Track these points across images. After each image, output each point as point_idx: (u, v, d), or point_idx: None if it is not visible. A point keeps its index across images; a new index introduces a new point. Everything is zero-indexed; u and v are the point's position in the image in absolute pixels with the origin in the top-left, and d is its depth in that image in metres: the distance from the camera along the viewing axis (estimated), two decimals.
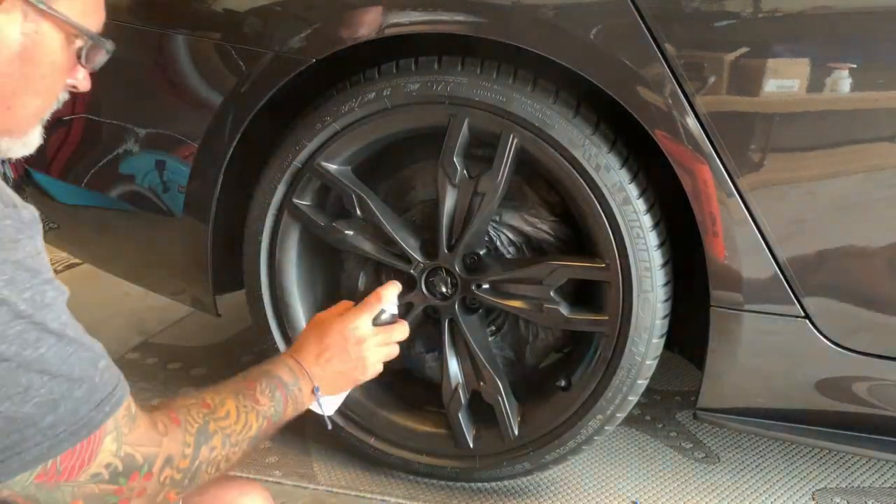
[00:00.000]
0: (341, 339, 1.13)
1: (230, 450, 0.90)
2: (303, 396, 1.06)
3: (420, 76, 1.36)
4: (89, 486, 0.77)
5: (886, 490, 1.61)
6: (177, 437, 0.84)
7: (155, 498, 0.82)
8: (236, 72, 1.44)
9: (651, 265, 1.33)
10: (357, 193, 1.45)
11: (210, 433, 0.88)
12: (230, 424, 0.92)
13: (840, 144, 1.20)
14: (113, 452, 0.77)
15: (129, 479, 0.79)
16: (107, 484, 0.77)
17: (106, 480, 0.77)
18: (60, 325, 0.72)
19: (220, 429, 0.90)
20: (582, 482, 1.64)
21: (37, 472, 0.72)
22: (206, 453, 0.87)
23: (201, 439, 0.87)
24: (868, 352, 1.29)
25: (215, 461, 0.88)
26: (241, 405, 0.95)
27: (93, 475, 0.76)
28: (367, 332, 1.14)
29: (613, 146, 1.32)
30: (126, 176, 1.59)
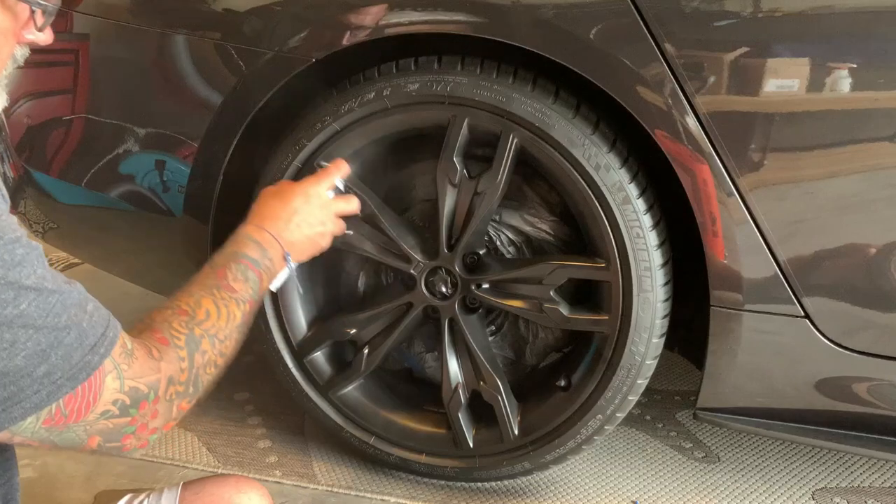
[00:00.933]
0: (306, 202, 1.13)
1: (221, 346, 0.93)
2: (274, 266, 1.06)
3: (420, 76, 1.36)
4: (101, 423, 0.79)
5: (886, 490, 1.61)
6: (171, 356, 0.86)
7: (168, 414, 0.85)
8: (236, 72, 1.44)
9: (651, 265, 1.33)
10: (357, 193, 1.45)
11: (197, 339, 0.90)
12: (214, 323, 0.94)
13: (840, 144, 1.20)
14: (116, 389, 0.79)
15: (139, 407, 0.81)
16: (118, 418, 0.80)
17: (117, 415, 0.79)
18: (37, 279, 0.73)
19: (205, 331, 0.92)
20: (582, 482, 1.64)
21: (42, 417, 0.74)
22: (200, 359, 0.89)
23: (192, 348, 0.89)
24: (868, 351, 1.29)
25: (211, 362, 0.91)
26: (218, 300, 0.96)
27: (102, 413, 0.78)
28: (327, 197, 1.17)
29: (613, 146, 1.32)
30: (126, 176, 1.59)
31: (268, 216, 1.10)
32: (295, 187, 1.15)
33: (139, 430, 0.83)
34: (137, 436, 0.83)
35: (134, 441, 0.83)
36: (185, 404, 0.88)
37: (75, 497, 1.58)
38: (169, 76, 1.53)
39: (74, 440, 0.78)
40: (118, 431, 0.81)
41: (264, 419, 1.86)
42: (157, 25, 1.51)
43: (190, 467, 1.68)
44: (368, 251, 1.50)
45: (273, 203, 1.12)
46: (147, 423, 0.83)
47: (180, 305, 0.94)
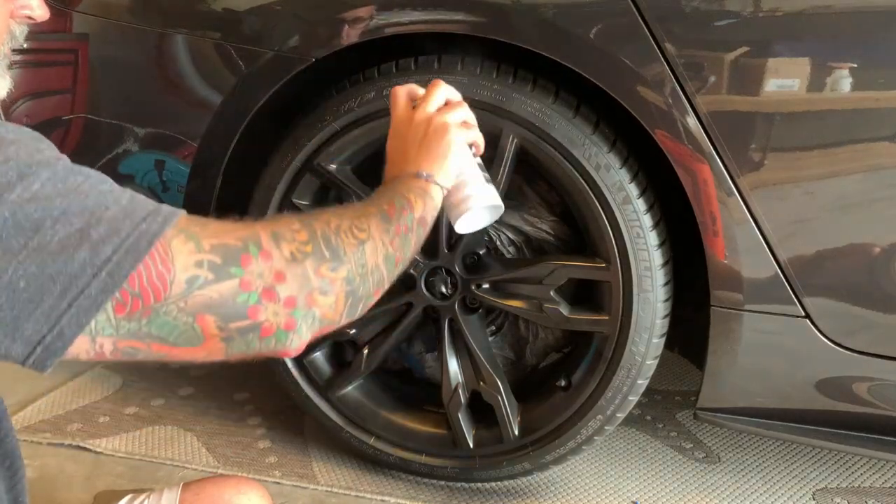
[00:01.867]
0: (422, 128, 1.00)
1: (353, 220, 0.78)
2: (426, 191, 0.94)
3: (420, 76, 1.36)
4: (198, 295, 0.65)
5: (887, 490, 1.61)
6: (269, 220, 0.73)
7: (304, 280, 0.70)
8: (236, 71, 1.44)
9: (651, 265, 1.33)
10: (357, 193, 1.44)
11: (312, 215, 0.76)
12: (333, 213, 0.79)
13: (840, 144, 1.20)
14: (193, 250, 0.65)
15: (242, 264, 0.67)
16: (218, 283, 0.65)
17: (213, 280, 0.65)
18: (47, 158, 0.63)
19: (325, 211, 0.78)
20: (582, 482, 1.64)
21: (112, 307, 0.62)
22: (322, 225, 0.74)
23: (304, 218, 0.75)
24: (868, 351, 1.28)
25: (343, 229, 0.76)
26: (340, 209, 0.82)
27: (188, 281, 0.64)
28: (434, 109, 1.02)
29: (613, 146, 1.32)
30: (125, 176, 1.59)
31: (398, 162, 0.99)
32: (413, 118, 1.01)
33: (265, 298, 0.67)
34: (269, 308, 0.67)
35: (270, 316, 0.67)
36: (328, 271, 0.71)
37: (75, 497, 1.57)
38: (168, 76, 1.53)
39: (179, 327, 0.64)
40: (232, 302, 0.65)
41: (264, 419, 1.86)
42: (156, 25, 1.51)
43: (189, 467, 1.67)
44: None
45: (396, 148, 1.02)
46: (274, 289, 0.67)
47: None
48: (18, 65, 1.69)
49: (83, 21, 1.57)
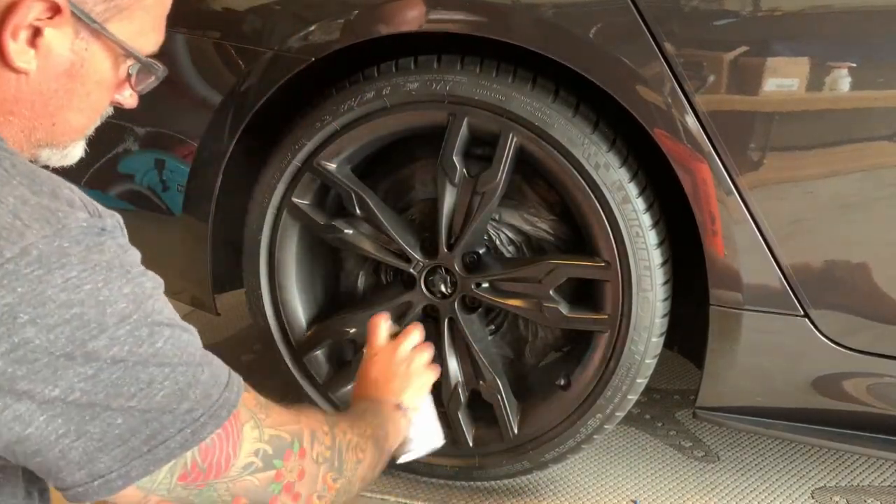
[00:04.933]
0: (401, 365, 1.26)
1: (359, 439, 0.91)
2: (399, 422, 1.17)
3: (419, 75, 1.36)
4: (245, 480, 0.74)
5: (886, 489, 1.61)
6: (309, 413, 0.84)
7: (314, 482, 0.81)
8: (235, 71, 1.44)
9: (650, 264, 1.33)
10: (356, 192, 1.45)
11: (334, 420, 0.89)
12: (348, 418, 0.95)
13: (839, 143, 1.20)
14: (257, 438, 0.75)
15: (284, 458, 0.77)
16: (263, 472, 0.75)
17: (260, 468, 0.74)
18: (169, 314, 0.71)
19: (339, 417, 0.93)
20: (581, 481, 1.64)
21: (178, 471, 0.69)
22: (341, 434, 0.87)
23: (330, 420, 0.87)
24: (867, 350, 1.29)
25: (353, 445, 0.89)
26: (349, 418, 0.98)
27: (244, 467, 0.73)
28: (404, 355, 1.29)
29: (613, 145, 1.32)
30: (125, 175, 1.59)
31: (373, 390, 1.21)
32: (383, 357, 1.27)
33: (285, 491, 0.77)
34: (283, 498, 0.77)
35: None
36: (331, 480, 0.83)
37: None
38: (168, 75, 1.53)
39: (216, 501, 0.73)
40: (264, 490, 0.75)
41: None
42: None
43: None
44: (368, 250, 1.49)
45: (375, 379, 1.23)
46: (293, 485, 0.78)
47: None
48: None
49: None
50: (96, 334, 0.63)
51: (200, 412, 0.69)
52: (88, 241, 0.66)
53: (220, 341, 2.26)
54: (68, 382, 0.62)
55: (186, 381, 0.69)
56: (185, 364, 0.69)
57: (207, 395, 0.70)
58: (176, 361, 0.68)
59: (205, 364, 0.72)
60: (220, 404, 0.71)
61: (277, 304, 1.56)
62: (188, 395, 0.69)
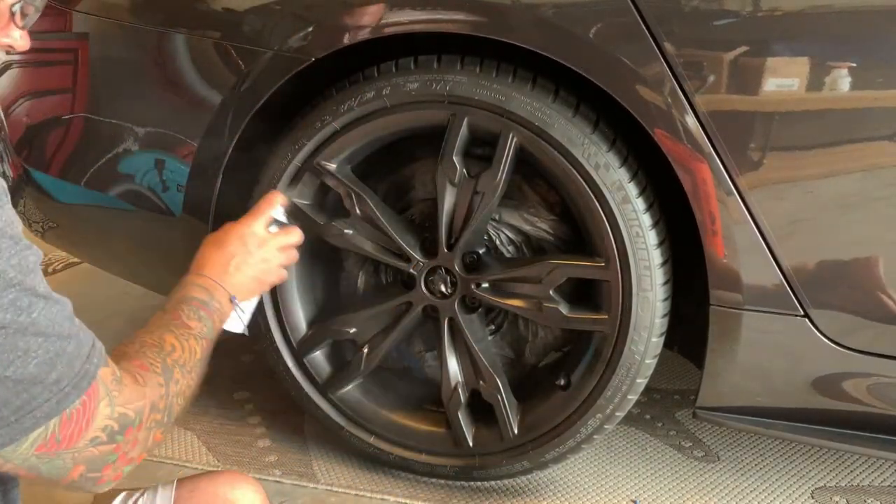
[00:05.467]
0: (242, 245, 1.17)
1: (188, 378, 0.95)
2: (223, 308, 1.11)
3: (419, 75, 1.36)
4: (89, 451, 0.78)
5: (886, 489, 1.61)
6: (152, 382, 0.87)
7: (145, 444, 0.85)
8: (235, 71, 1.44)
9: (650, 264, 1.33)
10: (356, 192, 1.45)
11: (170, 368, 0.92)
12: (180, 355, 0.95)
13: (839, 143, 1.20)
14: (108, 415, 0.79)
15: (125, 433, 0.81)
16: (105, 445, 0.79)
17: (104, 442, 0.79)
18: (45, 288, 0.74)
19: (175, 362, 0.94)
20: (581, 481, 1.64)
21: (37, 442, 0.73)
22: (174, 387, 0.91)
23: (167, 376, 0.90)
24: (867, 350, 1.29)
25: (181, 392, 0.93)
26: (178, 336, 0.99)
27: (91, 439, 0.78)
28: (265, 235, 1.20)
29: (613, 145, 1.32)
30: (125, 175, 1.59)
31: (207, 264, 1.14)
32: (230, 232, 1.19)
33: (119, 460, 0.82)
34: (115, 466, 0.82)
35: (111, 472, 0.83)
36: (159, 434, 0.88)
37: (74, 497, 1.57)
38: (168, 75, 1.53)
39: (60, 469, 0.78)
40: (101, 460, 0.80)
41: (264, 418, 1.86)
42: (156, 24, 1.51)
43: (189, 466, 1.68)
44: (368, 250, 1.50)
45: (211, 251, 1.16)
46: (127, 453, 0.83)
47: (145, 340, 0.95)
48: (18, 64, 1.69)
49: (83, 20, 1.57)
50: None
51: (65, 383, 0.73)
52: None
53: (220, 341, 2.26)
54: None
55: (56, 351, 0.73)
56: (56, 335, 0.73)
57: (71, 366, 0.74)
58: (49, 332, 0.72)
59: (73, 336, 0.75)
60: (80, 375, 0.75)
61: (277, 304, 1.56)
62: (56, 366, 0.73)
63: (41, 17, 0.85)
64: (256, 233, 1.19)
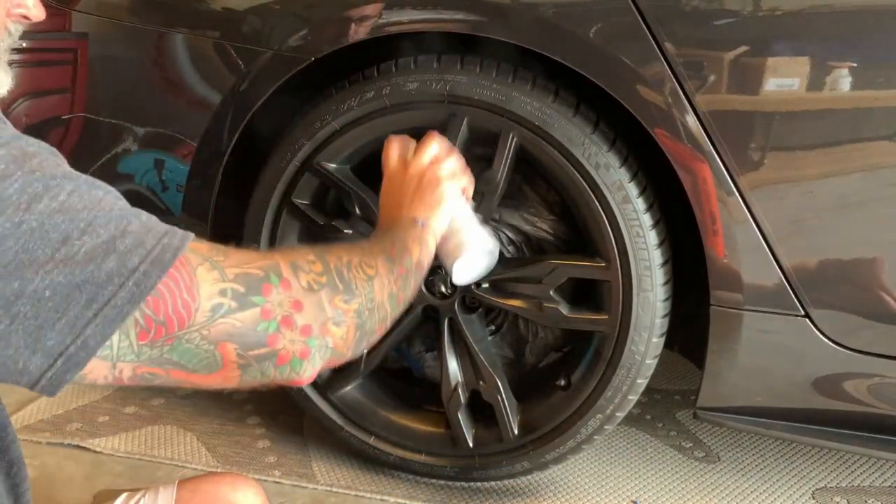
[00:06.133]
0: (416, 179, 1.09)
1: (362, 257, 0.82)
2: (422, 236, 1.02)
3: (419, 75, 1.36)
4: (221, 323, 0.66)
5: (886, 489, 1.61)
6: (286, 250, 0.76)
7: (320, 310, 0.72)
8: (235, 70, 1.44)
9: (651, 264, 1.33)
10: (356, 192, 1.44)
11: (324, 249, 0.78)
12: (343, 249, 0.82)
13: (840, 143, 1.20)
14: (217, 279, 0.66)
15: (262, 293, 0.68)
16: (240, 311, 0.66)
17: (235, 308, 0.66)
18: (69, 170, 0.63)
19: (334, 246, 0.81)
20: (582, 481, 1.64)
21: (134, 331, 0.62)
22: (334, 259, 0.77)
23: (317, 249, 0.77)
24: (868, 351, 1.28)
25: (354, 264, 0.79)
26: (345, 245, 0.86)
27: (213, 309, 0.65)
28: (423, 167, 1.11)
29: (613, 145, 1.32)
30: (125, 175, 1.59)
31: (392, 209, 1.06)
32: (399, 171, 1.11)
33: (284, 326, 0.68)
34: (287, 336, 0.68)
35: (287, 344, 0.69)
36: (342, 303, 0.74)
37: (74, 497, 1.57)
38: (168, 75, 1.53)
39: (200, 354, 0.65)
40: (252, 331, 0.66)
41: (263, 419, 1.86)
42: (155, 24, 1.51)
43: (189, 467, 1.67)
44: None
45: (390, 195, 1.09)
46: (292, 317, 0.69)
47: None
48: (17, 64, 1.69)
49: (82, 20, 1.57)
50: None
51: (137, 261, 0.62)
52: None
53: None
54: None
55: (109, 233, 0.61)
56: (103, 216, 0.62)
57: (140, 243, 0.63)
58: (90, 214, 0.61)
59: (131, 216, 0.64)
60: (159, 250, 0.64)
61: None
62: (116, 247, 0.61)
63: None
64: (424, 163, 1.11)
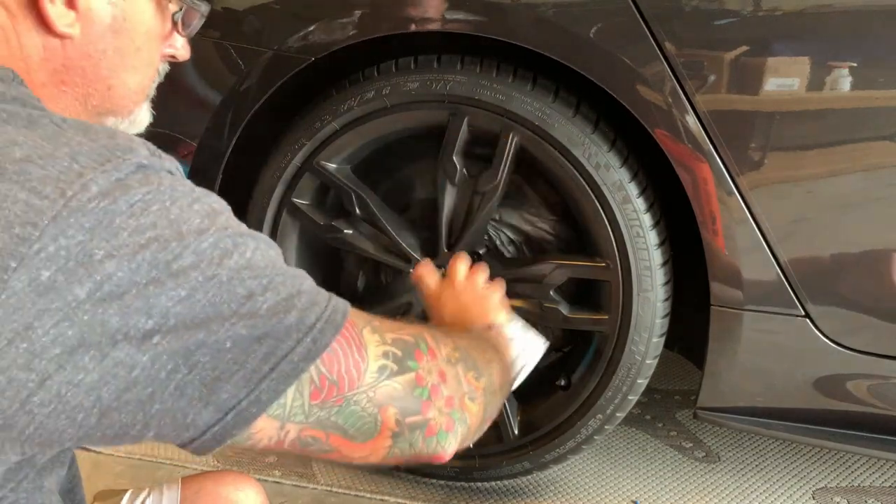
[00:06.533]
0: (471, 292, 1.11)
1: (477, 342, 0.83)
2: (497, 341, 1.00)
3: (419, 75, 1.36)
4: (384, 386, 0.67)
5: (886, 489, 1.61)
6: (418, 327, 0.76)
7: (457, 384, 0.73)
8: (235, 70, 1.44)
9: (651, 264, 1.33)
10: (356, 192, 1.44)
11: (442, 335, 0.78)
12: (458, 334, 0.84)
13: (839, 143, 1.20)
14: (379, 341, 0.68)
15: (416, 358, 0.70)
16: (400, 375, 0.68)
17: (396, 371, 0.68)
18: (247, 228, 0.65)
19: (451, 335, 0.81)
20: (582, 481, 1.64)
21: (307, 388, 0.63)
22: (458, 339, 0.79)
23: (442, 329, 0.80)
24: (868, 351, 1.28)
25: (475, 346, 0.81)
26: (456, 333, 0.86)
27: (378, 371, 0.67)
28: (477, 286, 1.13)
29: (613, 145, 1.31)
30: None
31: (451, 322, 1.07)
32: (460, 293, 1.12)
33: (433, 394, 0.70)
34: (436, 404, 0.70)
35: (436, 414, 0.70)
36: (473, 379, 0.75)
37: None
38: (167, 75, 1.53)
39: (364, 418, 0.66)
40: (410, 396, 0.68)
41: None
42: None
43: (189, 467, 1.67)
44: (368, 250, 1.49)
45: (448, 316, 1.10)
46: (439, 388, 0.70)
47: None
48: None
49: None
50: (179, 252, 0.58)
51: (314, 319, 0.63)
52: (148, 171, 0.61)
53: None
54: (162, 309, 0.57)
55: (288, 291, 0.62)
56: (281, 274, 0.63)
57: (315, 303, 0.64)
58: (271, 272, 0.62)
59: (302, 276, 0.65)
60: (332, 309, 0.65)
61: None
62: (295, 305, 0.62)
63: None
64: (480, 284, 1.13)
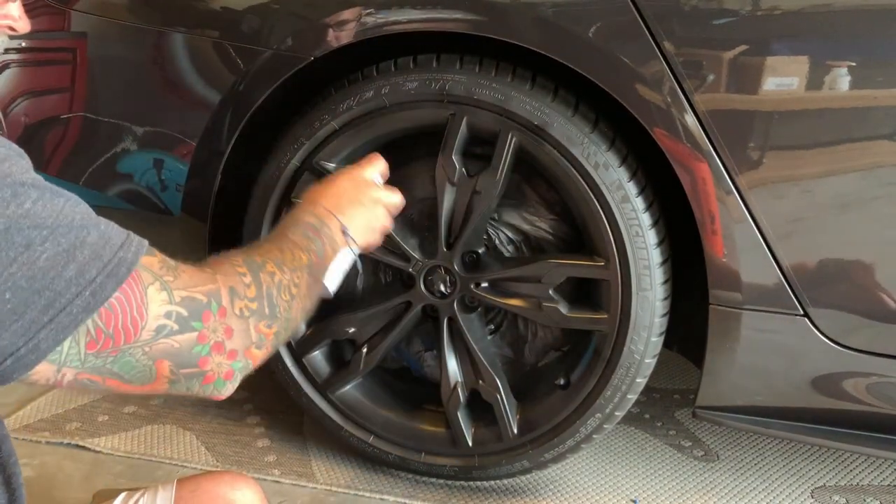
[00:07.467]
0: (353, 184, 1.10)
1: (291, 275, 0.86)
2: (334, 236, 1.01)
3: (418, 74, 1.36)
4: (162, 343, 0.71)
5: (885, 488, 1.61)
6: (226, 269, 0.79)
7: (246, 336, 0.77)
8: (234, 70, 1.44)
9: (650, 263, 1.33)
10: None
11: (259, 262, 0.83)
12: (276, 254, 0.87)
13: (838, 142, 1.20)
14: (165, 300, 0.71)
15: (203, 319, 0.73)
16: (180, 334, 0.72)
17: (176, 331, 0.71)
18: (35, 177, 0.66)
19: (267, 257, 0.85)
20: (581, 481, 1.64)
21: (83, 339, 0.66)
22: (268, 279, 0.82)
23: (254, 267, 0.82)
24: (867, 350, 1.28)
25: (284, 286, 0.84)
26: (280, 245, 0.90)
27: (157, 329, 0.70)
28: (376, 182, 1.13)
29: (612, 144, 1.32)
30: (124, 174, 1.59)
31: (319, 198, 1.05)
32: (341, 174, 1.12)
33: (214, 351, 0.73)
34: (215, 359, 0.74)
35: (214, 367, 0.74)
36: (265, 328, 0.79)
37: (73, 496, 1.57)
38: (167, 74, 1.53)
39: (138, 367, 0.69)
40: (188, 353, 0.72)
41: (263, 418, 1.86)
42: (155, 23, 1.51)
43: (189, 466, 1.68)
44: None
45: (322, 188, 1.08)
46: (223, 343, 0.74)
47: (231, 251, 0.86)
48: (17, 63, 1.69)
49: (81, 20, 1.56)
50: None
51: (94, 272, 0.66)
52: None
53: None
54: None
55: (69, 242, 0.65)
56: (64, 226, 0.65)
57: (98, 256, 0.66)
58: (52, 223, 0.64)
59: (90, 226, 0.67)
60: (115, 263, 0.67)
61: None
62: (75, 257, 0.65)
63: (40, 16, 0.84)
64: (368, 177, 1.12)
